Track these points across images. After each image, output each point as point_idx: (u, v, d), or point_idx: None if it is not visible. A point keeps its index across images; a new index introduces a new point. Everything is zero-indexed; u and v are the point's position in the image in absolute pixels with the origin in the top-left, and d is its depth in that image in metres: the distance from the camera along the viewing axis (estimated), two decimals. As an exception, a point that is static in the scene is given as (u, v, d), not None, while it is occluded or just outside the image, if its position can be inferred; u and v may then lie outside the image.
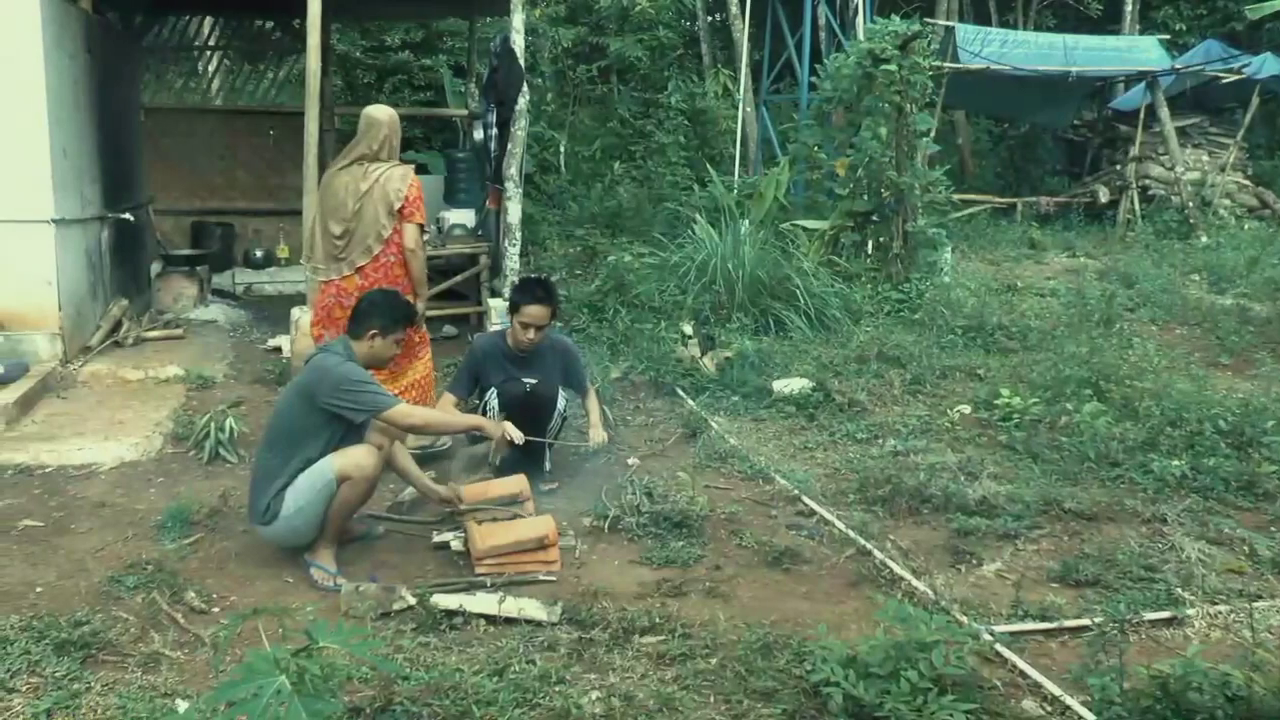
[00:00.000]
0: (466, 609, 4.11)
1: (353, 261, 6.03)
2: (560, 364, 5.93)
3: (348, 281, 6.06)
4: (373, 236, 6.01)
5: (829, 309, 9.25)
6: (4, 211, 7.54)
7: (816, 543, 5.05)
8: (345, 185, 6.03)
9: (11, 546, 4.89)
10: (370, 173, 6.01)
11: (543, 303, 5.70)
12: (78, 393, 7.56)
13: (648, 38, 18.61)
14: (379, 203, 5.97)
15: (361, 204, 5.97)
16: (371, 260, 6.03)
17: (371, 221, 5.99)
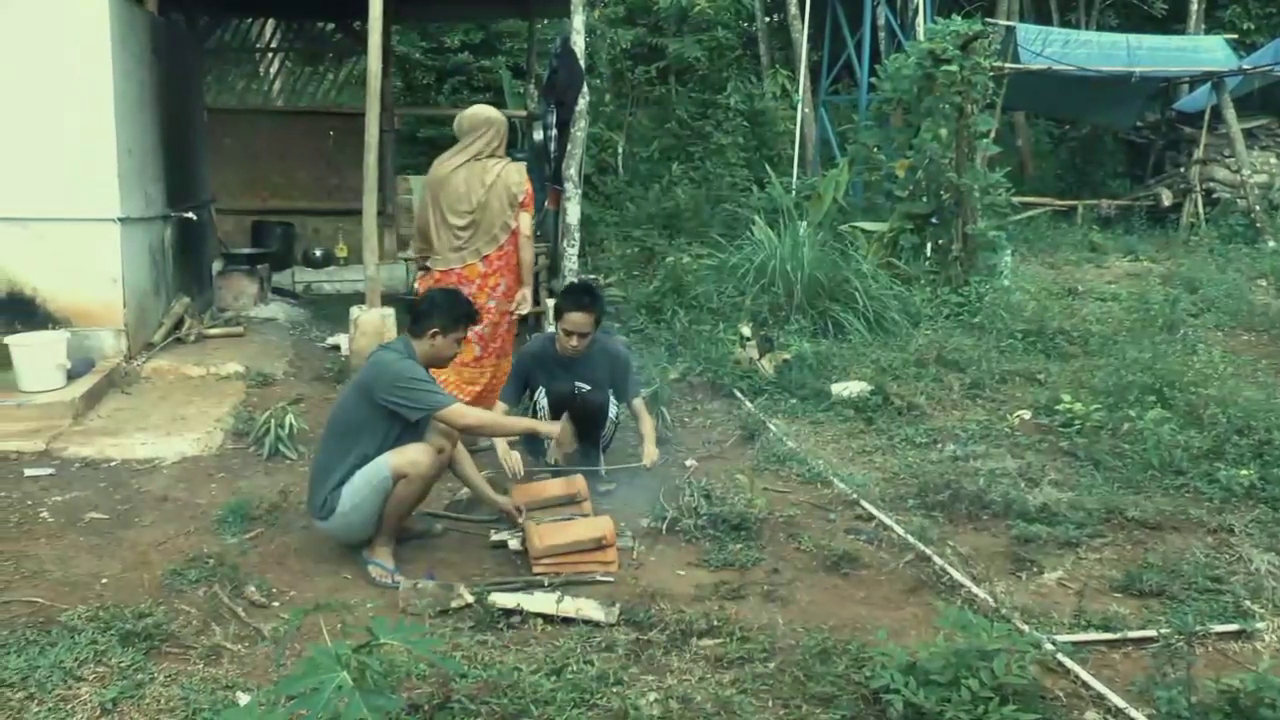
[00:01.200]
0: (524, 608, 4.11)
1: (477, 250, 6.43)
2: (609, 370, 5.91)
3: (470, 269, 6.44)
4: (499, 226, 6.44)
5: (888, 312, 9.19)
6: (72, 210, 7.66)
7: (875, 547, 5.00)
8: (466, 180, 6.40)
9: (78, 538, 4.97)
10: (490, 168, 6.44)
11: (585, 310, 5.69)
12: (141, 388, 7.67)
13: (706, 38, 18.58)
14: (502, 195, 6.41)
15: (487, 197, 6.37)
16: (496, 249, 6.43)
17: (498, 213, 6.41)
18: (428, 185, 6.62)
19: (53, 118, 7.55)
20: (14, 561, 4.64)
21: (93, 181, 7.69)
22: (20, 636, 3.88)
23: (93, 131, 7.65)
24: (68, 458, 6.12)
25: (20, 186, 7.55)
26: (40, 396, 6.90)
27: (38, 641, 3.83)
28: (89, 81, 7.61)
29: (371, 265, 8.14)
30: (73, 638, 3.85)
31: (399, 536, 4.75)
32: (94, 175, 7.69)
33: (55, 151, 7.57)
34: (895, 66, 11.29)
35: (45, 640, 3.84)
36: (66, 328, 7.58)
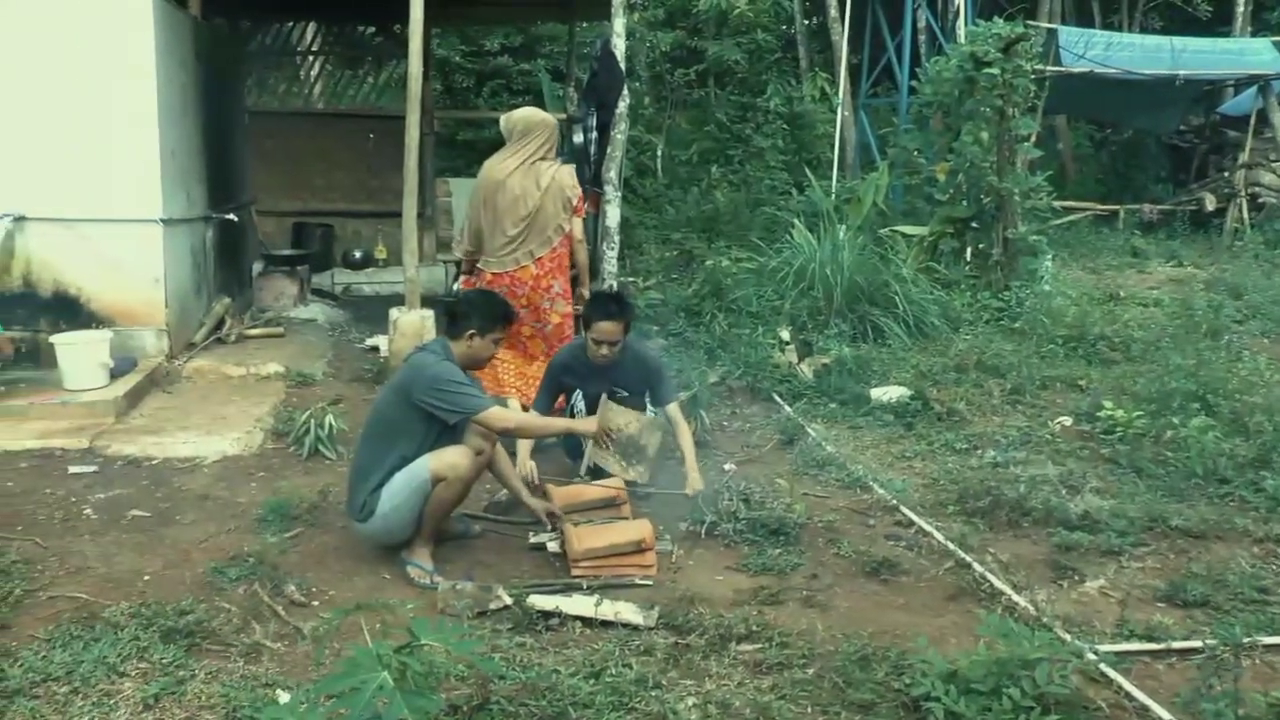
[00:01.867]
0: (563, 610, 4.10)
1: (531, 252, 6.48)
2: (643, 376, 5.87)
3: (523, 272, 6.50)
4: (552, 228, 6.51)
5: (927, 316, 9.15)
6: (116, 211, 7.73)
7: (915, 554, 4.96)
8: (520, 183, 6.45)
9: (121, 535, 5.01)
10: (544, 171, 6.51)
11: (614, 319, 5.66)
12: (182, 388, 7.73)
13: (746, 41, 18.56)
14: (557, 198, 6.48)
15: (542, 200, 6.43)
16: (549, 250, 6.48)
17: (552, 215, 6.48)
18: (480, 188, 6.63)
19: (97, 120, 7.63)
20: (59, 558, 4.69)
21: (136, 183, 7.76)
22: (65, 632, 3.92)
23: (136, 134, 7.72)
24: (110, 455, 6.18)
25: (65, 188, 7.63)
26: (84, 395, 6.98)
27: (82, 637, 3.87)
28: (133, 85, 7.68)
29: (411, 267, 8.17)
30: (116, 634, 3.89)
31: (438, 538, 4.76)
32: (137, 177, 7.76)
33: (99, 153, 7.64)
34: (936, 69, 11.24)
35: (89, 636, 3.88)
36: (110, 327, 7.65)
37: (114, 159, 7.68)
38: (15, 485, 5.67)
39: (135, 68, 7.67)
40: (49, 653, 3.75)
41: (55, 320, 7.68)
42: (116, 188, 7.72)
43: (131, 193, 7.76)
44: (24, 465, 6.00)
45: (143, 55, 7.68)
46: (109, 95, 7.63)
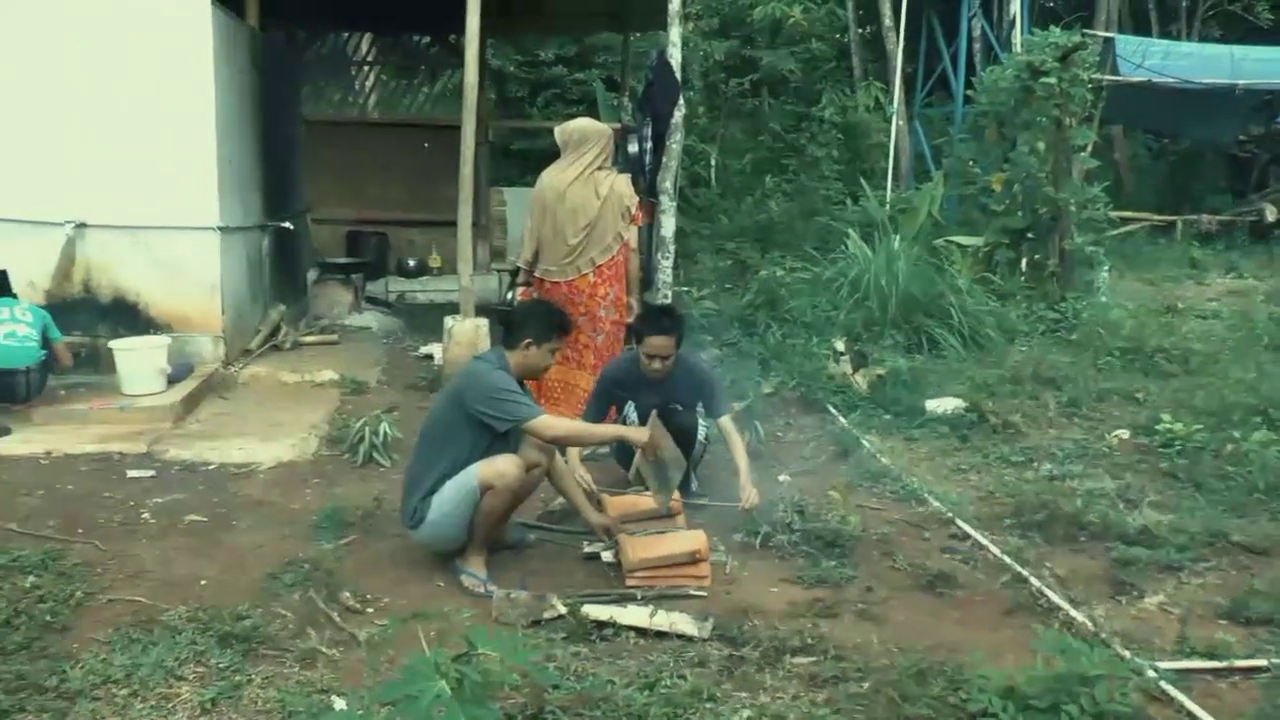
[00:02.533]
0: (617, 620, 4.09)
1: (591, 260, 6.54)
2: (696, 390, 5.81)
3: (581, 281, 6.54)
4: (612, 236, 6.56)
5: (983, 328, 9.06)
6: (174, 218, 7.84)
7: (971, 567, 4.91)
8: (579, 193, 6.50)
9: (178, 540, 5.06)
10: (602, 180, 6.56)
11: (666, 333, 5.63)
12: (238, 394, 7.82)
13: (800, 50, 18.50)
14: (616, 207, 6.54)
15: (601, 209, 6.49)
16: (609, 259, 6.54)
17: (611, 224, 6.54)
18: (539, 199, 6.67)
19: (156, 129, 7.73)
20: (118, 561, 4.74)
21: (194, 191, 7.86)
22: (124, 635, 3.96)
23: (195, 143, 7.83)
24: (168, 460, 6.25)
25: (125, 196, 7.74)
26: (142, 400, 7.08)
27: (140, 640, 3.91)
28: (192, 94, 7.78)
29: (466, 276, 8.21)
30: (173, 637, 3.92)
31: (491, 546, 4.76)
32: (195, 185, 7.86)
33: (158, 162, 7.74)
34: (992, 79, 11.17)
35: (148, 639, 3.91)
36: (167, 333, 7.75)
37: (173, 167, 7.78)
38: (76, 488, 5.74)
39: (194, 77, 7.78)
40: (109, 655, 3.79)
41: (114, 326, 7.79)
42: (175, 195, 7.82)
43: (189, 200, 7.86)
44: (84, 469, 6.08)
45: (202, 65, 7.78)
46: (168, 104, 7.74)
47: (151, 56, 7.70)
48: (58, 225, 7.70)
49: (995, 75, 11.12)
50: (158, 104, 7.72)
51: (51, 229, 7.70)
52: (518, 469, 4.62)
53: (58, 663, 3.74)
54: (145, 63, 7.69)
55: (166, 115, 7.74)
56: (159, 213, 7.80)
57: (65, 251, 7.74)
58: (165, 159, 7.75)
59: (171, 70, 7.73)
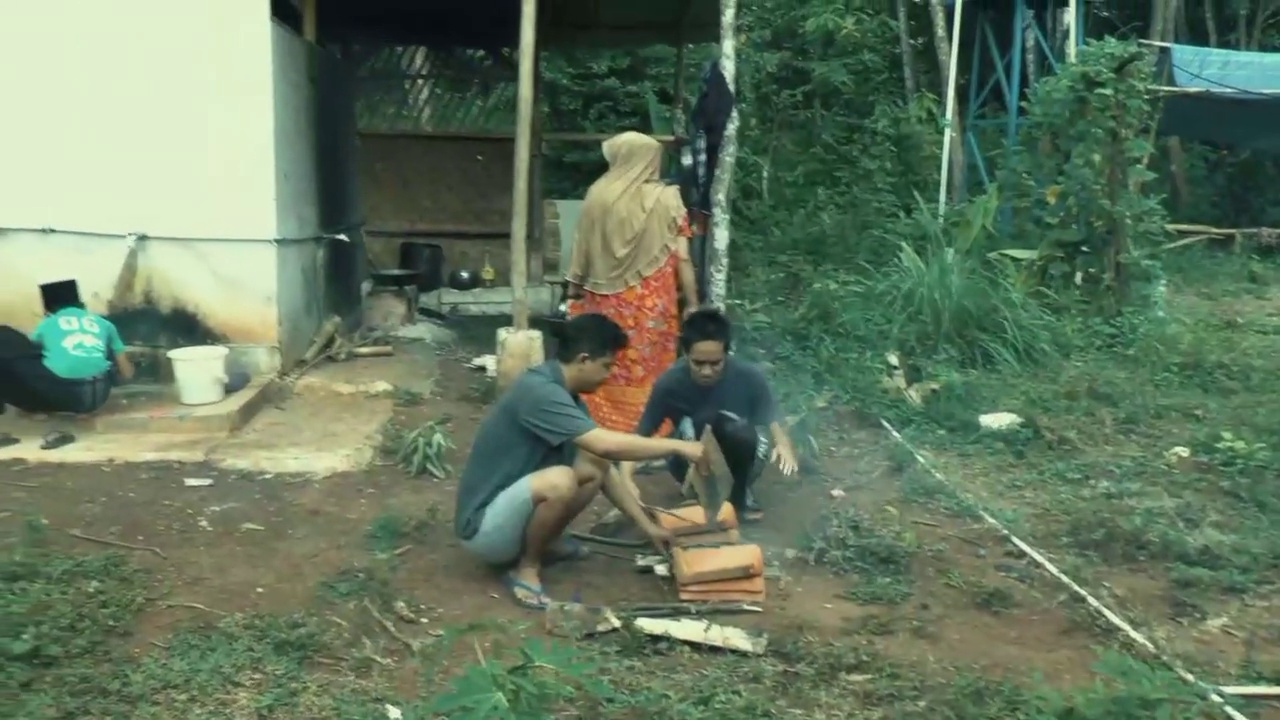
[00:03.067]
0: (671, 634, 4.08)
1: (639, 273, 6.63)
2: (747, 395, 5.79)
3: (629, 293, 6.63)
4: (658, 249, 6.64)
5: (1037, 342, 8.97)
6: (232, 231, 7.94)
7: (1027, 586, 4.85)
8: (626, 206, 6.59)
9: (235, 548, 5.12)
10: (649, 193, 6.65)
11: (713, 338, 5.61)
12: (293, 404, 7.89)
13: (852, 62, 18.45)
14: (662, 220, 6.61)
15: (648, 221, 6.57)
16: (655, 270, 6.61)
17: (657, 236, 6.62)
18: (587, 212, 6.75)
19: (216, 144, 7.85)
20: (176, 568, 4.80)
21: (252, 205, 7.96)
22: (182, 640, 4.02)
23: (253, 157, 7.93)
24: (225, 469, 6.33)
25: (184, 209, 7.86)
26: (200, 409, 7.18)
27: (198, 646, 3.96)
28: (250, 108, 7.88)
29: (520, 288, 8.24)
30: (230, 644, 3.97)
31: (545, 558, 4.77)
32: (253, 199, 7.96)
33: (218, 176, 7.85)
34: (1046, 90, 11.06)
35: (205, 645, 3.96)
36: (225, 344, 7.85)
37: (231, 181, 7.88)
38: (136, 496, 5.83)
39: (253, 93, 7.88)
40: (168, 660, 3.84)
41: (173, 336, 7.92)
42: (233, 209, 7.93)
43: (247, 214, 7.95)
44: (144, 476, 6.17)
45: (260, 80, 7.89)
46: (227, 119, 7.85)
47: (212, 72, 7.81)
48: (120, 238, 7.84)
49: (1049, 86, 11.01)
50: (217, 119, 7.83)
51: (114, 241, 7.85)
52: (570, 481, 4.63)
53: (120, 666, 3.81)
54: (206, 79, 7.81)
55: (226, 130, 7.85)
56: (217, 225, 7.91)
57: (127, 263, 7.88)
58: (224, 173, 7.85)
59: (231, 86, 7.84)
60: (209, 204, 7.88)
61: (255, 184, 7.95)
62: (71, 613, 4.13)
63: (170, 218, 7.86)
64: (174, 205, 7.85)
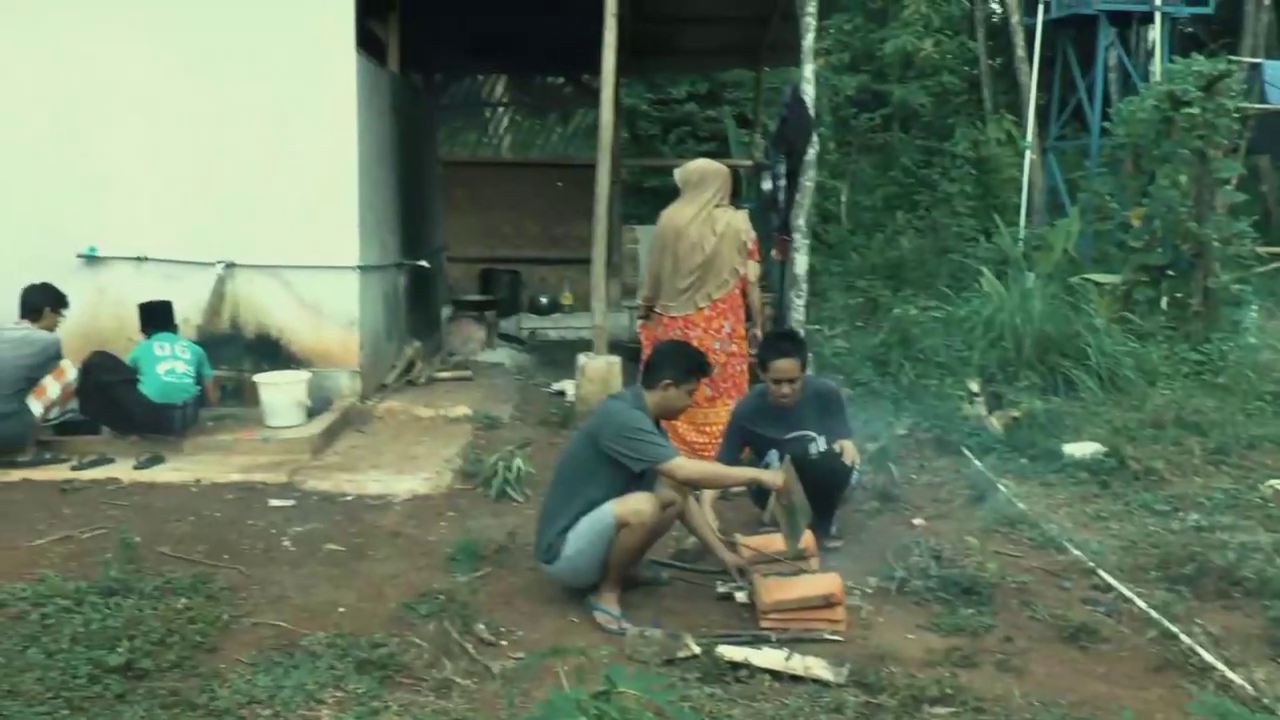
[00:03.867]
0: (752, 662, 4.05)
1: (708, 294, 6.68)
2: (824, 412, 5.76)
3: (698, 315, 6.68)
4: (728, 271, 6.70)
5: (1122, 369, 8.81)
6: (316, 258, 8.07)
7: (1115, 621, 4.73)
8: (697, 230, 6.65)
9: (317, 567, 5.19)
10: (720, 217, 6.71)
11: (789, 356, 5.62)
12: (374, 427, 7.98)
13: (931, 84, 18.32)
14: (731, 243, 6.67)
15: (718, 245, 6.63)
16: (724, 293, 6.67)
17: (727, 259, 6.67)
18: (660, 236, 6.81)
19: (301, 173, 7.98)
20: (260, 586, 4.88)
21: (335, 231, 8.09)
22: (266, 657, 4.09)
23: (337, 186, 8.05)
24: (307, 490, 6.43)
25: (270, 237, 8.01)
26: (283, 432, 7.29)
27: (282, 663, 4.03)
28: (335, 138, 8.02)
29: (600, 313, 8.28)
30: (313, 662, 4.03)
31: (625, 583, 4.77)
32: (337, 227, 8.08)
33: (303, 204, 7.99)
34: (1130, 109, 10.89)
35: (289, 663, 4.03)
36: (308, 368, 7.97)
37: (316, 209, 8.02)
38: (222, 516, 5.94)
39: (338, 123, 8.02)
40: (253, 677, 3.91)
41: (258, 360, 8.06)
42: (317, 236, 8.06)
43: (331, 241, 8.08)
44: (229, 497, 6.28)
45: (345, 111, 8.02)
46: (313, 149, 7.99)
47: (297, 104, 7.96)
48: (209, 265, 8.02)
49: (1133, 106, 10.84)
50: (303, 149, 7.97)
51: (204, 269, 8.02)
52: (653, 507, 4.63)
53: (207, 681, 3.88)
54: (291, 110, 7.96)
55: (311, 159, 7.99)
56: (302, 252, 8.05)
57: (216, 290, 8.05)
58: (309, 201, 8.00)
59: (317, 116, 7.98)
60: (294, 232, 8.02)
61: (339, 212, 8.07)
62: (162, 628, 4.23)
63: (257, 245, 8.02)
64: (260, 233, 8.00)
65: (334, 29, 7.94)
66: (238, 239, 8.01)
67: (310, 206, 8.00)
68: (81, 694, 3.74)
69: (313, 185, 8.01)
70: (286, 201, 7.97)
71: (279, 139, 7.95)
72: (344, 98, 8.03)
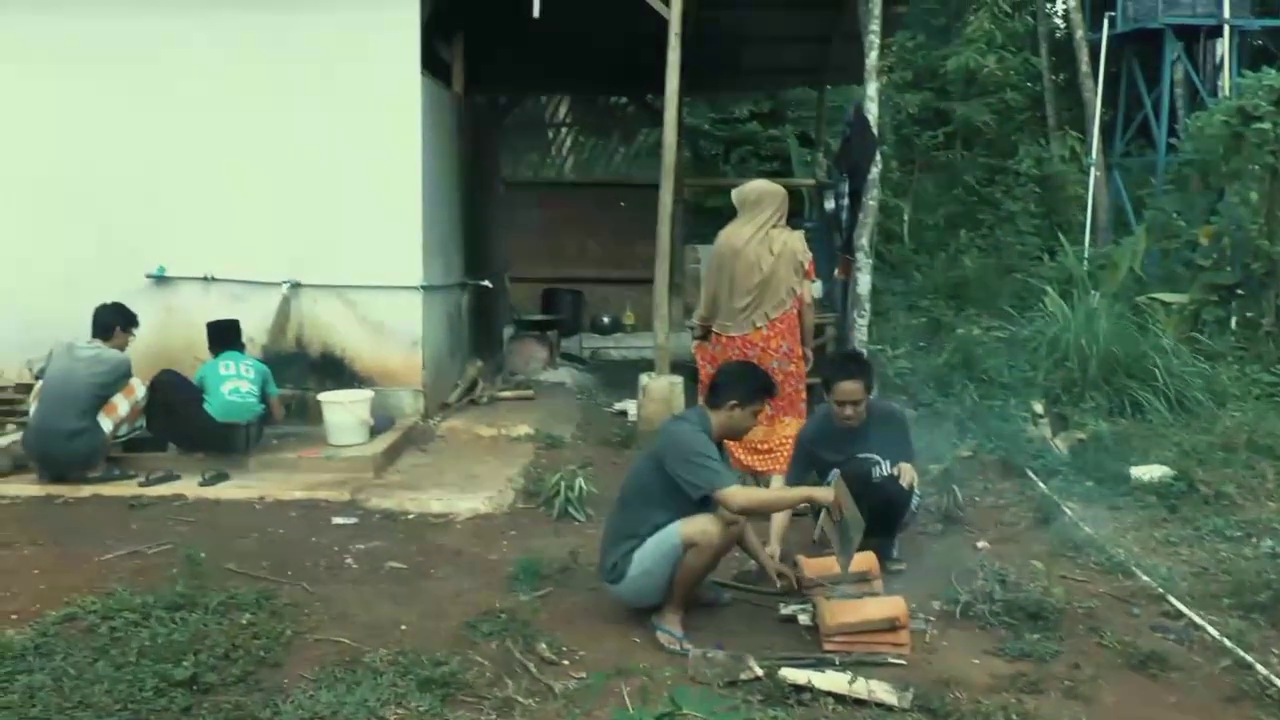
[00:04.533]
0: (815, 685, 4.02)
1: (765, 314, 6.65)
2: (888, 433, 5.69)
3: (755, 334, 6.66)
4: (785, 291, 6.67)
5: (1190, 390, 8.64)
6: (380, 278, 8.17)
7: (1186, 649, 4.63)
8: (755, 250, 6.65)
9: (380, 585, 5.23)
10: (777, 238, 6.69)
11: (855, 378, 5.57)
12: (436, 446, 8.04)
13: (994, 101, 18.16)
14: (790, 262, 6.65)
15: (775, 265, 6.62)
16: (782, 313, 6.64)
17: (784, 279, 6.65)
18: (717, 256, 6.83)
19: (366, 195, 8.09)
20: (323, 603, 4.93)
21: (399, 253, 8.18)
22: (329, 673, 4.12)
23: (401, 206, 8.14)
24: (370, 509, 6.48)
25: (334, 257, 8.14)
26: (346, 450, 7.36)
27: (344, 680, 4.06)
28: (400, 160, 8.12)
29: (662, 333, 8.29)
30: (376, 679, 4.05)
31: (687, 604, 4.75)
32: (401, 247, 8.18)
33: (367, 226, 8.09)
34: (1198, 125, 10.76)
35: (351, 679, 4.06)
36: (371, 387, 8.04)
37: (380, 230, 8.11)
38: (285, 533, 6.02)
39: (403, 145, 8.12)
40: (316, 692, 3.95)
41: (321, 379, 8.17)
42: (381, 257, 8.15)
43: (395, 261, 8.17)
44: (293, 514, 6.36)
45: (410, 133, 8.13)
46: (378, 171, 8.09)
47: (363, 127, 8.06)
48: (275, 285, 8.15)
49: (1202, 122, 10.71)
50: (368, 171, 8.07)
51: (269, 289, 8.17)
52: (720, 527, 4.61)
53: (270, 696, 3.93)
54: (357, 132, 8.07)
55: (376, 181, 8.08)
56: (366, 273, 8.15)
57: (281, 309, 8.18)
58: (373, 223, 8.09)
59: (382, 139, 8.08)
60: (359, 252, 8.12)
61: (403, 232, 8.16)
62: (226, 643, 4.29)
63: (322, 265, 8.13)
64: (325, 253, 8.12)
65: (400, 53, 8.05)
66: (303, 259, 8.13)
67: (375, 227, 8.10)
68: (148, 706, 3.81)
69: (378, 206, 8.10)
70: (352, 222, 8.08)
71: (345, 161, 8.06)
72: (409, 120, 8.12)
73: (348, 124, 8.06)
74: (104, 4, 8.07)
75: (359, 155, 8.07)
